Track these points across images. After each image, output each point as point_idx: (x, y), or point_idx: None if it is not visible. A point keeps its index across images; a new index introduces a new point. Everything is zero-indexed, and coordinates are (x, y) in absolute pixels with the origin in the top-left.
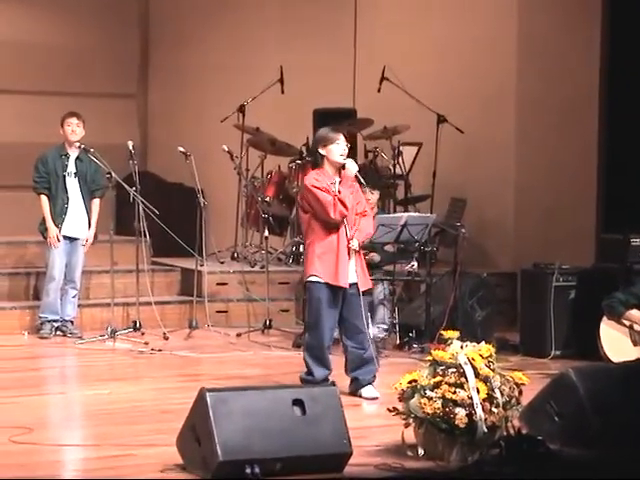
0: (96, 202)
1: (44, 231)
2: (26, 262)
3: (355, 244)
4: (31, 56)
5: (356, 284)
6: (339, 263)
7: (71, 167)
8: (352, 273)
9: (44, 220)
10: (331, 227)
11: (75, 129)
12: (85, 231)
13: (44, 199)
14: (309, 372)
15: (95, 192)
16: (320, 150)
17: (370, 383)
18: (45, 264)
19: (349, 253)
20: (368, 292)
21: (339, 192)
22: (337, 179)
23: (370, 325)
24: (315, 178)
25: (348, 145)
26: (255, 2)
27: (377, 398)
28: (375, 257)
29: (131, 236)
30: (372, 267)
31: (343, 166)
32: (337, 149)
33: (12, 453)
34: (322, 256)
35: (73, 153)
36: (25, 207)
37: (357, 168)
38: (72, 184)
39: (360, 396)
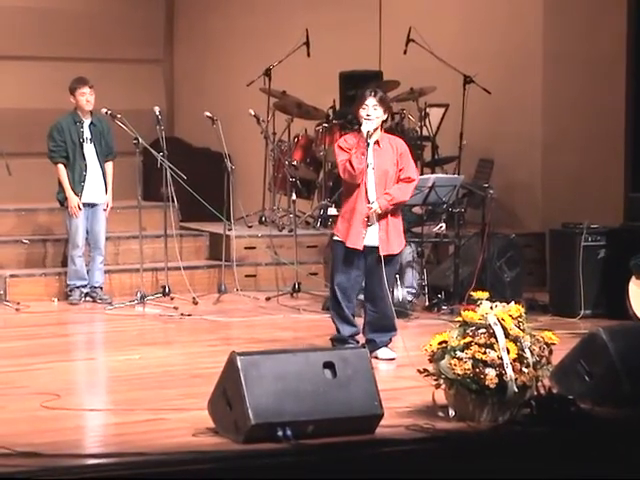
0: (110, 165)
1: (63, 200)
2: (39, 229)
3: (375, 207)
4: (56, 22)
5: (377, 248)
6: (353, 224)
7: (87, 133)
8: (373, 236)
9: (62, 188)
10: (353, 187)
11: (89, 98)
12: (103, 196)
13: (62, 168)
14: (337, 330)
15: (108, 155)
16: (356, 114)
17: (386, 345)
18: (66, 232)
19: (369, 216)
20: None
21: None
22: (371, 141)
23: (399, 287)
24: (345, 139)
25: (377, 108)
26: None
27: (394, 359)
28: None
29: (159, 201)
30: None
31: None
32: (362, 112)
33: (44, 418)
34: (344, 215)
35: (87, 119)
36: (35, 174)
37: (368, 129)
38: (89, 150)
39: (376, 357)
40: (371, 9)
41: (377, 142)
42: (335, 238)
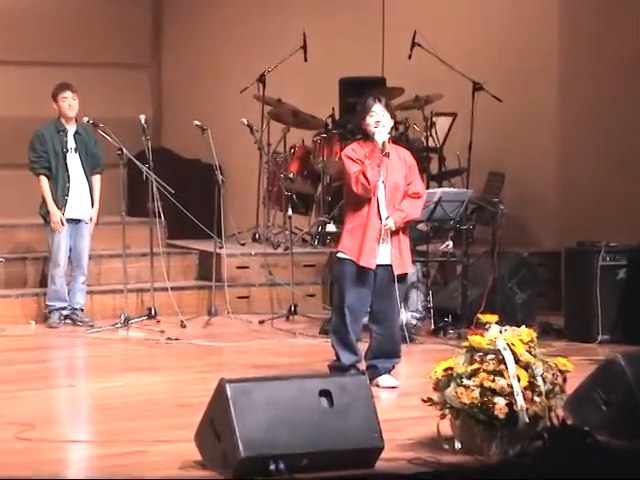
0: (97, 178)
1: (46, 215)
2: (18, 247)
3: (390, 223)
4: (39, 25)
5: (389, 266)
6: (365, 241)
7: (71, 143)
8: (385, 254)
9: (44, 202)
10: (363, 201)
11: (71, 103)
12: (89, 211)
13: (44, 180)
14: (337, 357)
15: (96, 167)
16: (363, 124)
17: (389, 372)
18: (48, 249)
19: (381, 232)
20: (405, 275)
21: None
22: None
23: (403, 310)
24: (352, 148)
25: (384, 115)
26: None
27: (396, 387)
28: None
29: (144, 217)
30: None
31: None
32: (370, 120)
33: (18, 450)
34: (351, 231)
35: (71, 128)
36: (13, 188)
37: (383, 139)
38: (73, 161)
39: (377, 385)
40: (373, 10)
41: (387, 153)
42: (341, 256)
